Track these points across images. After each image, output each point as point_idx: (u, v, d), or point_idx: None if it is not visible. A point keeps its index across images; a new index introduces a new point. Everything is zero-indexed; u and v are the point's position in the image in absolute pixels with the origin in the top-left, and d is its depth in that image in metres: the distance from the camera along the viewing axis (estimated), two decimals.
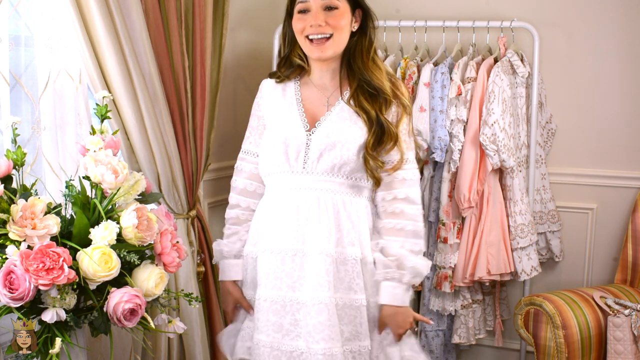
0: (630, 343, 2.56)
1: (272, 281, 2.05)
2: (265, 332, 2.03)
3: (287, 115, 2.11)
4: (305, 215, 2.04)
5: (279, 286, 2.04)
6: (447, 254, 2.98)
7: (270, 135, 2.12)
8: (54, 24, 2.25)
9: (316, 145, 2.04)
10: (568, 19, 3.12)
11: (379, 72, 2.08)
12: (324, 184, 2.04)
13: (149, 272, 1.90)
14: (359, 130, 2.05)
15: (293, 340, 2.02)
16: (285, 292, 2.03)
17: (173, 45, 2.59)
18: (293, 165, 2.07)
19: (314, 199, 2.04)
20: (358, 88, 2.07)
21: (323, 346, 1.95)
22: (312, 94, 2.13)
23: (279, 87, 2.19)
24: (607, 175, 3.13)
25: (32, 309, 1.80)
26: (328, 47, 2.04)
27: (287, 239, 2.04)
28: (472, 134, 2.89)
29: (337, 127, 2.05)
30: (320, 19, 2.02)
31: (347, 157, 2.03)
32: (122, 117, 2.43)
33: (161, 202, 2.65)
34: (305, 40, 2.05)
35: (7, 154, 1.91)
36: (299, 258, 2.03)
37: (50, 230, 1.81)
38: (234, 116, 3.32)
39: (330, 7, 2.03)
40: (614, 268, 3.12)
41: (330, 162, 2.03)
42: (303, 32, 2.05)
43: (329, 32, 2.03)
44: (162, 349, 2.72)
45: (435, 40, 3.13)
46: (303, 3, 2.05)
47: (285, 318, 2.03)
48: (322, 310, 1.96)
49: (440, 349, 3.14)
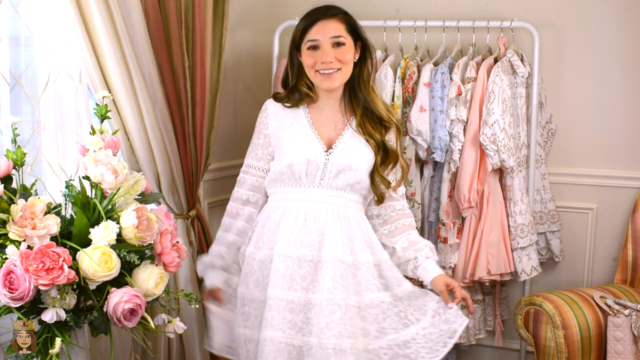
0: (630, 343, 2.56)
1: (288, 283, 2.19)
2: (281, 329, 2.17)
3: (305, 136, 2.31)
4: (321, 226, 2.23)
5: (295, 287, 2.19)
6: (447, 254, 2.98)
7: (291, 152, 2.29)
8: (54, 24, 2.25)
9: (334, 166, 2.27)
10: (568, 19, 3.12)
11: (378, 101, 2.34)
12: (337, 199, 2.28)
13: (149, 272, 1.90)
14: (369, 153, 2.31)
15: (304, 336, 2.17)
16: (300, 293, 2.19)
17: (173, 45, 2.59)
18: (311, 181, 2.28)
19: (329, 212, 2.26)
20: (364, 116, 2.32)
21: (333, 342, 2.13)
22: (321, 119, 2.34)
23: (288, 110, 2.36)
24: (607, 175, 3.13)
25: (32, 309, 1.80)
26: (336, 78, 2.26)
27: (304, 245, 2.22)
28: (472, 134, 2.89)
29: (352, 150, 2.29)
30: (331, 55, 2.23)
31: (360, 177, 2.29)
32: (122, 117, 2.43)
33: (161, 202, 2.65)
34: (316, 74, 2.27)
35: (7, 154, 1.91)
36: (314, 263, 2.21)
37: (50, 230, 1.81)
38: (234, 116, 3.32)
39: (338, 44, 2.25)
40: (614, 268, 3.12)
41: (346, 180, 2.27)
42: (314, 67, 2.26)
43: (338, 67, 2.25)
44: (162, 349, 2.72)
45: (435, 40, 3.13)
46: (313, 41, 2.25)
47: (298, 316, 2.18)
48: (335, 310, 2.15)
49: None
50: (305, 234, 2.22)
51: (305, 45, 2.27)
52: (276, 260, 2.21)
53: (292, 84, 2.34)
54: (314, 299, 2.17)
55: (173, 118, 2.63)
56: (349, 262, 2.21)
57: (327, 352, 2.13)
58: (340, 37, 2.25)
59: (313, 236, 2.22)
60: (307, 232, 2.22)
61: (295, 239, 2.22)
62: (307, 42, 2.26)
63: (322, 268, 2.19)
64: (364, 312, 2.19)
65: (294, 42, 2.31)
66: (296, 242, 2.22)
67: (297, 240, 2.22)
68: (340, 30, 2.26)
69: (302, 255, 2.21)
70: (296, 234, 2.22)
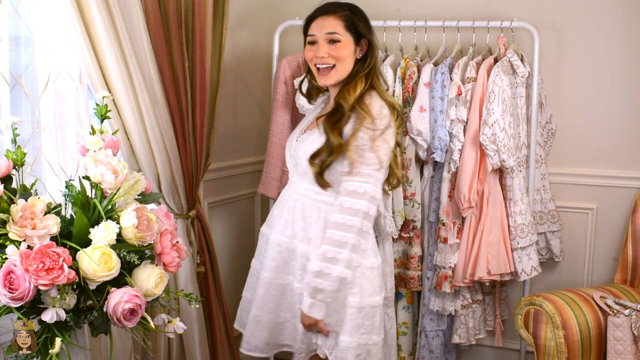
0: (630, 343, 2.56)
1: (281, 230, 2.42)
2: None
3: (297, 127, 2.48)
4: (282, 208, 2.44)
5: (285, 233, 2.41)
6: (447, 254, 2.98)
7: None
8: (54, 24, 2.25)
9: (294, 155, 2.38)
10: (568, 19, 3.12)
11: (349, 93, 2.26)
12: (299, 187, 2.38)
13: (149, 272, 1.90)
14: (318, 144, 2.27)
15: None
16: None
17: (173, 45, 2.59)
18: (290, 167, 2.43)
19: (291, 198, 2.39)
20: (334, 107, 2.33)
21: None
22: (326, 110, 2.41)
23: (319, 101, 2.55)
24: (607, 175, 3.13)
25: (32, 309, 1.80)
26: (332, 75, 2.31)
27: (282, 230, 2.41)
28: (472, 134, 2.89)
29: (305, 139, 2.35)
30: (324, 51, 2.29)
31: (306, 166, 2.31)
32: (122, 117, 2.43)
33: (161, 202, 2.65)
34: (314, 68, 2.34)
35: (7, 154, 1.91)
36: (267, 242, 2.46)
37: (50, 230, 1.81)
38: (234, 116, 3.32)
39: (333, 40, 2.30)
40: (614, 268, 3.12)
41: (298, 168, 2.36)
42: (311, 61, 2.34)
43: (331, 63, 2.30)
44: (162, 349, 2.72)
45: (435, 40, 3.13)
46: (311, 36, 2.34)
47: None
48: (262, 285, 2.44)
49: (440, 349, 3.14)
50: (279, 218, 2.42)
51: (307, 40, 2.37)
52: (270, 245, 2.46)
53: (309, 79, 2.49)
54: (261, 277, 2.45)
55: (173, 118, 2.63)
56: (285, 244, 2.38)
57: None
58: (335, 33, 2.29)
59: (275, 217, 2.45)
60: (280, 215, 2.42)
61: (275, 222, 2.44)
62: (307, 36, 2.36)
63: (267, 245, 2.46)
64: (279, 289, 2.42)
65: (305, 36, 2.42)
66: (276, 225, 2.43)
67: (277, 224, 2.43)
68: (336, 27, 2.29)
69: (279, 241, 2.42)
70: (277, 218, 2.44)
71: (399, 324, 3.16)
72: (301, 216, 2.35)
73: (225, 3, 2.82)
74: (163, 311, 2.01)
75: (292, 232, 2.37)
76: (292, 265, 2.37)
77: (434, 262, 3.03)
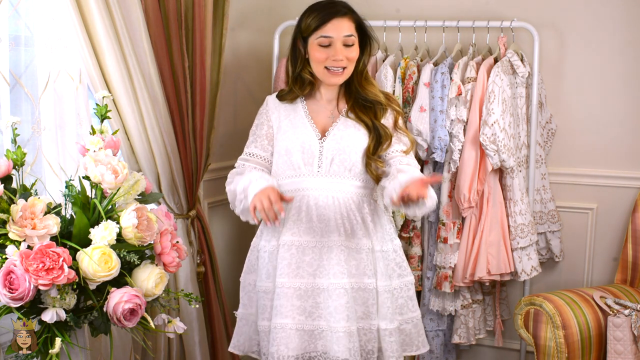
0: (630, 343, 2.56)
1: (294, 270, 2.26)
2: (290, 316, 2.24)
3: (300, 126, 2.36)
4: (323, 212, 2.29)
5: (301, 274, 2.26)
6: (447, 254, 2.98)
7: (287, 143, 2.35)
8: (54, 24, 2.25)
9: (329, 152, 2.31)
10: (568, 19, 3.12)
11: (372, 87, 2.39)
12: (337, 185, 2.31)
13: (149, 272, 1.90)
14: (362, 136, 2.33)
15: (315, 320, 2.26)
16: (307, 279, 2.26)
17: (173, 45, 2.59)
18: (309, 169, 2.32)
19: (330, 198, 2.30)
20: (355, 103, 2.37)
21: (343, 324, 2.22)
22: (319, 108, 2.39)
23: (287, 104, 2.42)
24: (607, 175, 3.13)
25: (32, 309, 1.80)
26: (343, 76, 2.32)
27: (307, 233, 2.28)
28: (472, 134, 2.89)
29: (344, 135, 2.33)
30: (343, 54, 2.28)
31: (355, 159, 2.31)
32: (122, 117, 2.43)
33: (161, 202, 2.65)
34: (324, 70, 2.30)
35: (7, 154, 1.91)
36: (317, 249, 2.27)
37: (50, 230, 1.81)
38: (234, 116, 3.32)
39: (348, 44, 2.29)
40: (614, 268, 3.12)
41: (342, 165, 2.31)
42: (323, 63, 2.29)
43: (346, 64, 2.30)
44: (162, 349, 2.72)
45: (435, 40, 3.13)
46: (327, 38, 2.28)
47: (307, 302, 2.26)
48: (342, 294, 2.23)
49: (440, 349, 3.14)
50: (308, 222, 2.27)
51: (317, 40, 2.28)
52: (281, 250, 2.27)
53: (296, 73, 2.38)
54: (321, 284, 2.25)
55: (173, 118, 2.63)
56: (352, 246, 2.28)
57: (338, 335, 2.22)
58: (352, 36, 2.29)
59: (315, 223, 2.27)
60: (309, 219, 2.28)
61: (298, 227, 2.27)
62: (319, 37, 2.28)
63: (327, 253, 2.26)
64: (355, 293, 2.28)
65: (301, 33, 2.33)
66: (299, 230, 2.27)
67: (300, 229, 2.27)
68: (351, 29, 2.30)
69: (305, 242, 2.27)
70: (299, 223, 2.28)
71: None
72: (349, 213, 2.30)
73: (225, 3, 2.82)
74: (163, 311, 2.01)
75: (350, 229, 2.28)
76: (365, 266, 2.29)
77: (434, 262, 3.02)
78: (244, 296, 2.42)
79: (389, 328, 2.30)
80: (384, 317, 2.31)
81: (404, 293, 2.38)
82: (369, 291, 2.29)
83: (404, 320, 2.38)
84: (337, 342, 2.21)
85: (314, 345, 2.27)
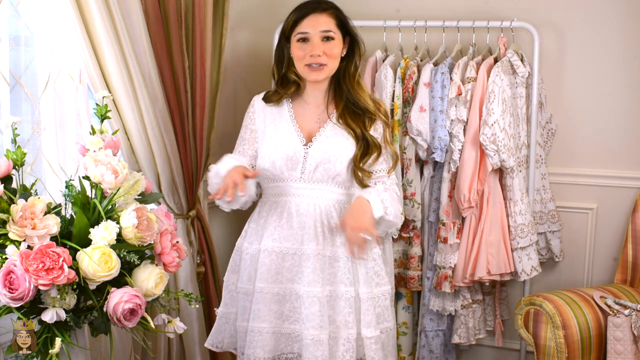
0: (630, 343, 2.56)
1: (274, 276, 2.29)
2: (267, 320, 2.28)
3: (285, 131, 2.36)
4: (303, 219, 2.30)
5: (280, 280, 2.29)
6: (447, 254, 2.98)
7: (271, 148, 2.35)
8: (54, 24, 2.25)
9: (313, 159, 2.30)
10: (568, 19, 3.12)
11: (363, 94, 2.37)
12: (319, 192, 2.32)
13: (149, 272, 1.90)
14: (349, 145, 2.33)
15: (292, 324, 2.30)
16: (285, 285, 2.29)
17: (173, 45, 2.59)
18: (291, 174, 2.32)
19: (311, 205, 2.31)
20: (345, 108, 2.35)
21: (312, 332, 2.23)
22: (305, 111, 2.38)
23: (273, 107, 2.41)
24: (607, 175, 3.13)
25: (32, 309, 1.80)
26: (323, 72, 2.30)
27: (287, 239, 2.29)
28: (472, 134, 2.89)
29: (331, 142, 2.32)
30: (320, 49, 2.27)
31: (340, 170, 2.31)
32: (122, 117, 2.43)
33: (161, 202, 2.65)
34: (305, 67, 2.30)
35: (7, 154, 1.91)
36: (297, 256, 2.29)
37: (50, 230, 1.81)
38: (234, 116, 3.32)
39: (327, 38, 2.29)
40: (614, 268, 3.12)
41: (326, 173, 2.31)
42: (303, 60, 2.29)
43: (325, 61, 2.29)
44: (162, 349, 2.72)
45: (435, 40, 3.13)
46: (303, 33, 2.29)
47: (285, 306, 2.30)
48: (314, 302, 2.24)
49: (440, 349, 3.14)
50: (288, 228, 2.29)
51: (295, 37, 2.30)
52: (262, 255, 2.31)
53: (282, 73, 2.39)
54: (298, 290, 2.28)
55: (173, 118, 2.63)
56: (328, 254, 2.28)
57: (307, 342, 2.24)
58: (330, 31, 2.29)
59: (295, 230, 2.29)
60: (290, 226, 2.30)
61: (279, 233, 2.30)
62: (297, 34, 2.30)
63: (305, 261, 2.27)
64: (333, 301, 2.29)
65: (283, 33, 2.35)
66: (280, 236, 2.30)
67: (280, 235, 2.29)
68: (330, 25, 2.30)
69: (285, 249, 2.29)
70: (279, 229, 2.30)
71: (399, 324, 3.16)
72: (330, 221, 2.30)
73: (225, 3, 2.82)
74: (163, 311, 2.01)
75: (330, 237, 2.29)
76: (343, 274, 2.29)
77: (434, 262, 3.02)
78: (227, 295, 2.44)
79: (373, 336, 2.30)
80: (368, 325, 2.30)
81: (382, 302, 2.38)
82: (345, 299, 2.28)
83: (380, 330, 2.37)
84: (306, 349, 2.24)
85: (290, 347, 2.31)
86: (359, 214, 2.19)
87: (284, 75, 2.38)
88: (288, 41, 2.34)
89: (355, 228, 2.15)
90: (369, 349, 2.30)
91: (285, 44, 2.36)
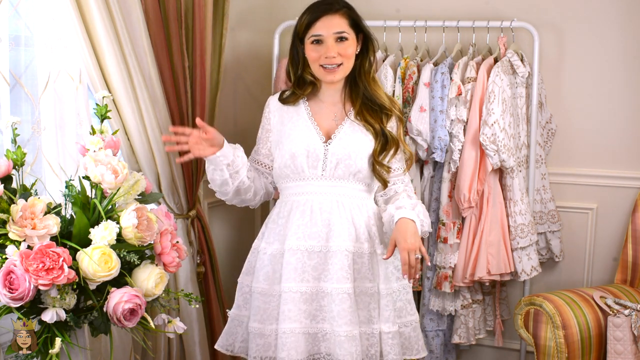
0: (630, 343, 2.56)
1: (300, 275, 2.27)
2: (298, 320, 2.26)
3: (304, 128, 2.36)
4: (327, 217, 2.30)
5: (307, 278, 2.28)
6: (447, 254, 2.98)
7: (290, 143, 2.35)
8: (54, 24, 2.25)
9: (334, 155, 2.31)
10: (568, 19, 3.12)
11: (379, 90, 2.39)
12: (341, 189, 2.33)
13: (149, 272, 1.90)
14: (369, 142, 2.34)
15: (319, 323, 2.28)
16: (312, 283, 2.28)
17: (173, 45, 2.59)
18: (312, 172, 2.32)
19: (334, 202, 2.32)
20: (362, 105, 2.36)
21: (345, 329, 2.23)
22: (321, 110, 2.39)
23: (290, 106, 2.42)
24: (607, 175, 3.13)
25: (32, 309, 1.80)
26: (339, 72, 2.31)
27: (312, 237, 2.28)
28: (472, 134, 2.89)
29: (351, 139, 2.33)
30: (334, 51, 2.27)
31: (361, 166, 2.32)
32: (122, 117, 2.43)
33: (161, 202, 2.65)
34: (319, 68, 2.31)
35: (7, 154, 1.91)
36: (323, 254, 2.28)
37: (50, 230, 1.81)
38: (234, 116, 3.32)
39: (341, 39, 2.29)
40: (614, 268, 3.12)
41: (347, 170, 2.31)
42: (317, 61, 2.30)
43: (340, 62, 2.29)
44: (162, 349, 2.72)
45: (435, 40, 3.13)
46: (317, 36, 2.29)
47: (312, 305, 2.28)
48: (345, 299, 2.24)
49: (440, 349, 3.14)
50: (313, 226, 2.29)
51: (309, 40, 2.30)
52: (287, 254, 2.28)
53: (298, 75, 2.39)
54: (325, 288, 2.26)
55: (173, 118, 2.63)
56: (353, 250, 2.29)
57: (340, 339, 2.23)
58: (343, 32, 2.29)
59: (320, 227, 2.28)
60: (314, 224, 2.29)
61: (303, 232, 2.28)
62: (311, 36, 2.30)
63: (331, 258, 2.27)
64: (358, 297, 2.29)
65: (297, 34, 2.35)
66: (304, 235, 2.28)
67: (305, 233, 2.28)
68: (343, 25, 2.29)
69: (310, 247, 2.28)
70: (304, 227, 2.29)
71: None
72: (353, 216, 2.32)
73: (225, 3, 2.82)
74: (163, 311, 2.01)
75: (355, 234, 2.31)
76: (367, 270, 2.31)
77: (434, 262, 3.03)
78: (240, 297, 2.41)
79: (391, 331, 2.31)
80: (386, 320, 2.31)
81: (403, 296, 2.38)
82: (370, 295, 2.30)
83: (403, 324, 2.38)
84: (339, 346, 2.23)
85: (317, 348, 2.29)
86: (410, 235, 2.20)
87: (300, 76, 2.38)
88: (302, 42, 2.34)
89: (410, 250, 2.18)
90: (386, 344, 2.31)
91: (299, 45, 2.35)
